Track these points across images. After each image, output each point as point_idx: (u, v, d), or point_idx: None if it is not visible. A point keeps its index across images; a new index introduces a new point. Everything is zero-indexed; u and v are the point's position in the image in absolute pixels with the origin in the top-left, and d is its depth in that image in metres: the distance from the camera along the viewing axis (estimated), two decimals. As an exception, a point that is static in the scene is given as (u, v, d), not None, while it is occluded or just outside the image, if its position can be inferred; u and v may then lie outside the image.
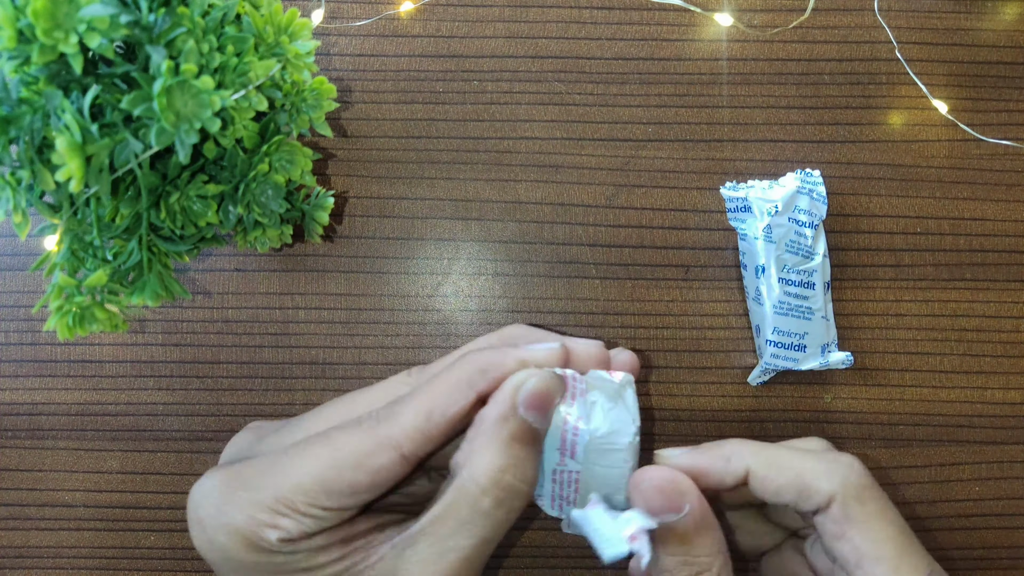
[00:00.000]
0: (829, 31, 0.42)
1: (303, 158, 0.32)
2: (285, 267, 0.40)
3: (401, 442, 0.26)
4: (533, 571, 0.39)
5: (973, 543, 0.40)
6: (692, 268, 0.40)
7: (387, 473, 0.26)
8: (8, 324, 0.40)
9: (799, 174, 0.38)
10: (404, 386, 0.30)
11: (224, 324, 0.40)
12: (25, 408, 0.40)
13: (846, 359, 0.38)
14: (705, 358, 0.40)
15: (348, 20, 0.41)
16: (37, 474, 0.40)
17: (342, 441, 0.27)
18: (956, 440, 0.40)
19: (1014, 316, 0.41)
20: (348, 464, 0.26)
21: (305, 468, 0.26)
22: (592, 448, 0.27)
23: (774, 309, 0.37)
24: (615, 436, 0.27)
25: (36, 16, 0.23)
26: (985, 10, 0.42)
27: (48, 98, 0.25)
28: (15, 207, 0.26)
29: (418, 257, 0.41)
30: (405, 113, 0.41)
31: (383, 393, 0.30)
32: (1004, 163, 0.41)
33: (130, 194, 0.29)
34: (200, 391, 0.40)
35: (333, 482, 0.26)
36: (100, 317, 0.29)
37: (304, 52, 0.30)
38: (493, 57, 0.41)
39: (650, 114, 0.41)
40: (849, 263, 0.40)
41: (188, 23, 0.25)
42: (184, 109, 0.25)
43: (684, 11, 0.42)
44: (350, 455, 0.26)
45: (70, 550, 0.39)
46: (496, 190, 0.41)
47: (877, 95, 0.41)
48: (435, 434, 0.27)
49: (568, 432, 0.27)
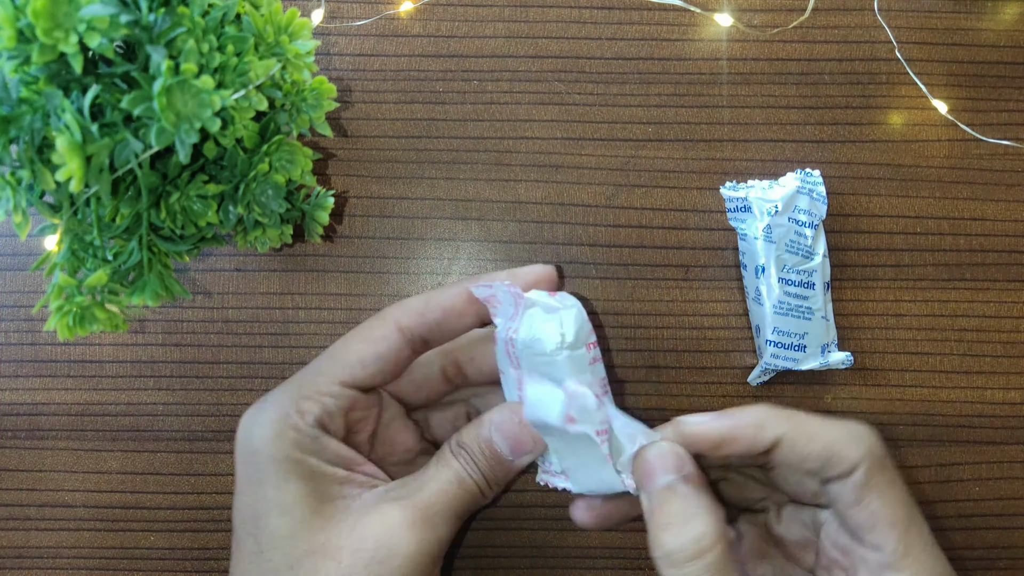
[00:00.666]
0: (829, 31, 0.42)
1: (303, 158, 0.32)
2: (285, 267, 0.40)
3: (399, 316, 0.31)
4: (533, 571, 0.39)
5: (973, 543, 0.40)
6: (692, 268, 0.40)
7: (387, 343, 0.31)
8: (8, 324, 0.40)
9: (799, 174, 0.38)
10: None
11: (224, 324, 0.40)
12: (25, 408, 0.40)
13: (846, 359, 0.38)
14: (705, 358, 0.40)
15: (348, 20, 0.41)
16: (37, 474, 0.40)
17: (353, 330, 0.32)
18: (956, 440, 0.40)
19: (1014, 316, 0.41)
20: (355, 339, 0.31)
21: (322, 358, 0.32)
22: (524, 355, 0.30)
23: (774, 309, 0.37)
24: (540, 343, 0.29)
25: (36, 16, 0.23)
26: (985, 10, 0.42)
27: (48, 98, 0.25)
28: (15, 207, 0.26)
29: (418, 257, 0.41)
30: (405, 113, 0.41)
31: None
32: (1004, 163, 0.41)
33: (130, 194, 0.29)
34: (200, 391, 0.40)
35: (343, 355, 0.31)
36: (100, 317, 0.29)
37: (304, 52, 0.30)
38: (493, 57, 0.41)
39: (650, 114, 0.41)
40: (849, 263, 0.41)
41: (188, 23, 0.25)
42: (184, 109, 0.25)
43: (684, 11, 0.42)
44: (357, 333, 0.32)
45: (70, 550, 0.39)
46: (496, 190, 0.41)
47: (877, 95, 0.41)
48: (430, 318, 0.31)
49: (508, 343, 0.30)
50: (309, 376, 0.31)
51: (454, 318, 0.32)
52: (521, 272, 0.32)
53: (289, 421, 0.30)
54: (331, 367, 0.31)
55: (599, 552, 0.39)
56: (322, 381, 0.31)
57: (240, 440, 0.31)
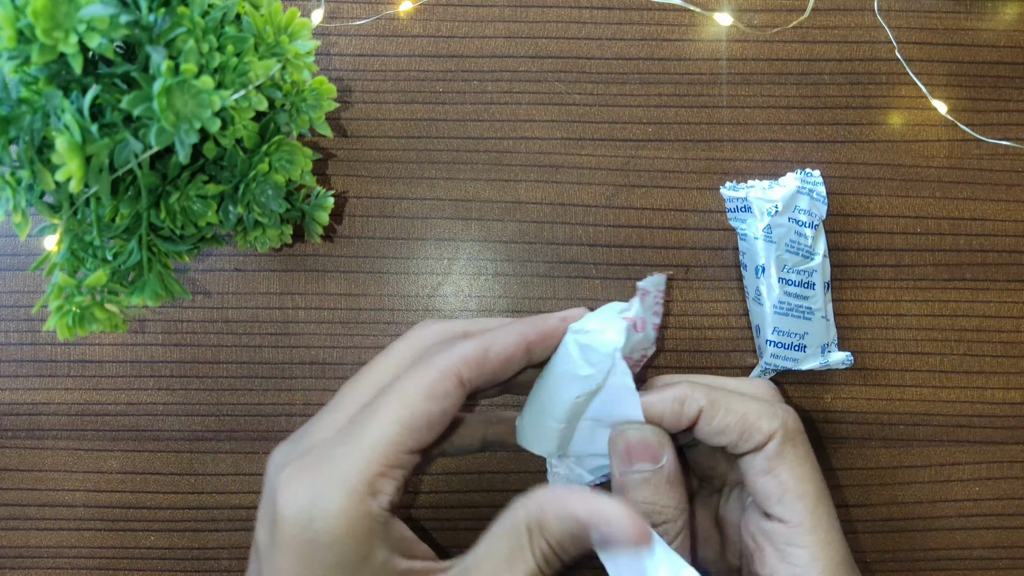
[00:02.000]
0: (829, 31, 0.42)
1: (303, 158, 0.32)
2: (285, 267, 0.40)
3: (460, 368, 0.27)
4: (533, 571, 0.39)
5: (973, 543, 0.40)
6: (692, 268, 0.40)
7: (452, 400, 0.27)
8: (8, 324, 0.40)
9: (799, 174, 0.38)
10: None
11: (224, 324, 0.40)
12: (25, 408, 0.40)
13: (846, 359, 0.38)
14: (705, 358, 0.40)
15: (348, 20, 0.41)
16: (37, 474, 0.40)
17: (407, 383, 0.27)
18: (956, 440, 0.40)
19: (1014, 316, 0.41)
20: (418, 396, 0.26)
21: (384, 420, 0.26)
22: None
23: (774, 309, 0.37)
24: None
25: (36, 16, 0.23)
26: (985, 10, 0.42)
27: (48, 98, 0.25)
28: (15, 207, 0.26)
29: (418, 257, 0.41)
30: (405, 113, 0.41)
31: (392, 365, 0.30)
32: (1004, 163, 0.41)
33: (130, 194, 0.29)
34: (200, 391, 0.40)
35: (408, 416, 0.26)
36: (100, 317, 0.29)
37: (304, 52, 0.30)
38: (493, 57, 0.41)
39: (650, 114, 0.41)
40: (849, 263, 0.40)
41: (188, 23, 0.25)
42: (184, 109, 0.25)
43: (684, 11, 0.42)
44: (416, 386, 0.26)
45: (70, 550, 0.39)
46: (496, 190, 0.41)
47: (877, 95, 0.41)
48: (489, 369, 0.28)
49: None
50: (370, 439, 0.26)
51: (511, 367, 0.29)
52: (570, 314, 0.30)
53: (363, 508, 0.25)
54: (397, 431, 0.26)
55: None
56: (392, 451, 0.25)
57: (287, 524, 0.25)
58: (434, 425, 0.26)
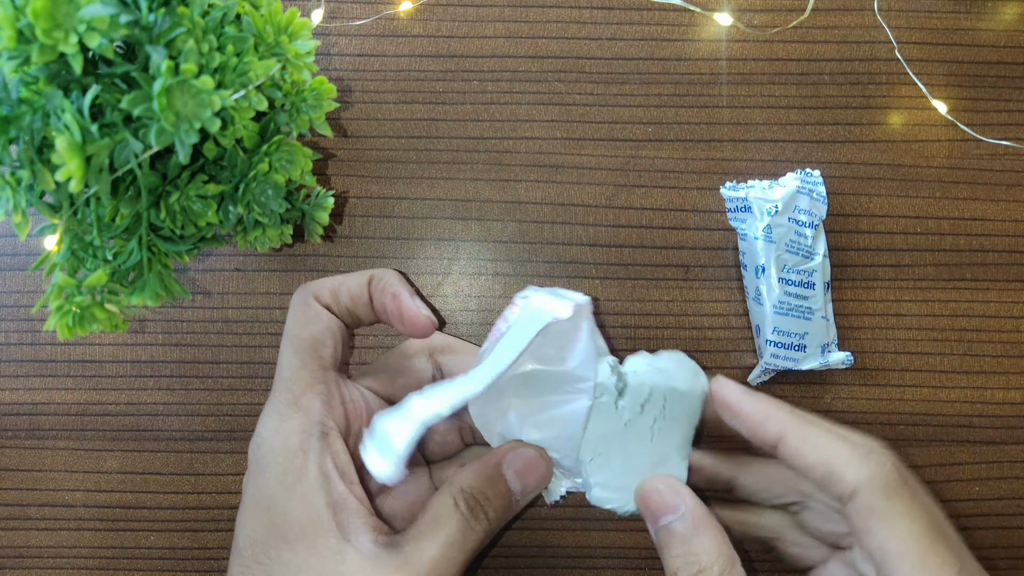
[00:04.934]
0: (829, 31, 0.42)
1: (303, 158, 0.32)
2: (285, 267, 0.40)
3: (316, 292, 0.33)
4: (533, 571, 0.39)
5: (973, 543, 0.40)
6: (692, 268, 0.40)
7: (323, 318, 0.32)
8: (8, 324, 0.40)
9: (799, 174, 0.38)
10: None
11: (224, 324, 0.40)
12: (25, 408, 0.40)
13: (846, 359, 0.38)
14: (705, 358, 0.40)
15: (348, 20, 0.41)
16: (37, 474, 0.40)
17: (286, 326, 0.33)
18: (956, 440, 0.40)
19: (1014, 316, 0.41)
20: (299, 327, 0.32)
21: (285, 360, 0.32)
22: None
23: (774, 309, 0.37)
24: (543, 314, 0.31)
25: (36, 16, 0.23)
26: (985, 10, 0.42)
27: (48, 98, 0.25)
28: (15, 207, 0.26)
29: (418, 257, 0.41)
30: (405, 113, 0.41)
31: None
32: (1004, 163, 0.41)
33: (130, 194, 0.29)
34: (200, 391, 0.40)
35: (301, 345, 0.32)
36: (100, 317, 0.29)
37: (304, 52, 0.30)
38: (493, 57, 0.41)
39: (650, 114, 0.41)
40: (849, 263, 0.40)
41: (188, 23, 0.25)
42: (184, 109, 0.25)
43: (684, 11, 0.42)
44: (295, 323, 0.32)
45: (70, 550, 0.39)
46: (496, 190, 0.41)
47: (877, 95, 0.41)
48: (342, 299, 0.33)
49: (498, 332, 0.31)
50: (284, 375, 0.31)
51: (361, 304, 0.33)
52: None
53: (293, 423, 0.30)
54: (298, 360, 0.32)
55: (599, 552, 0.39)
56: (303, 374, 0.31)
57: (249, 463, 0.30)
58: (324, 340, 0.32)
